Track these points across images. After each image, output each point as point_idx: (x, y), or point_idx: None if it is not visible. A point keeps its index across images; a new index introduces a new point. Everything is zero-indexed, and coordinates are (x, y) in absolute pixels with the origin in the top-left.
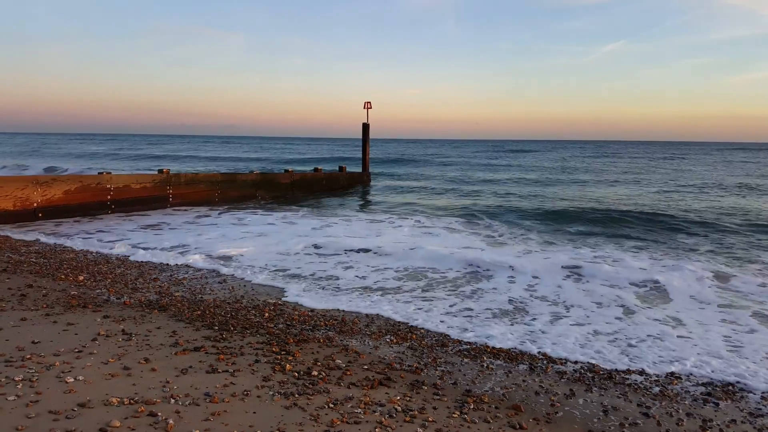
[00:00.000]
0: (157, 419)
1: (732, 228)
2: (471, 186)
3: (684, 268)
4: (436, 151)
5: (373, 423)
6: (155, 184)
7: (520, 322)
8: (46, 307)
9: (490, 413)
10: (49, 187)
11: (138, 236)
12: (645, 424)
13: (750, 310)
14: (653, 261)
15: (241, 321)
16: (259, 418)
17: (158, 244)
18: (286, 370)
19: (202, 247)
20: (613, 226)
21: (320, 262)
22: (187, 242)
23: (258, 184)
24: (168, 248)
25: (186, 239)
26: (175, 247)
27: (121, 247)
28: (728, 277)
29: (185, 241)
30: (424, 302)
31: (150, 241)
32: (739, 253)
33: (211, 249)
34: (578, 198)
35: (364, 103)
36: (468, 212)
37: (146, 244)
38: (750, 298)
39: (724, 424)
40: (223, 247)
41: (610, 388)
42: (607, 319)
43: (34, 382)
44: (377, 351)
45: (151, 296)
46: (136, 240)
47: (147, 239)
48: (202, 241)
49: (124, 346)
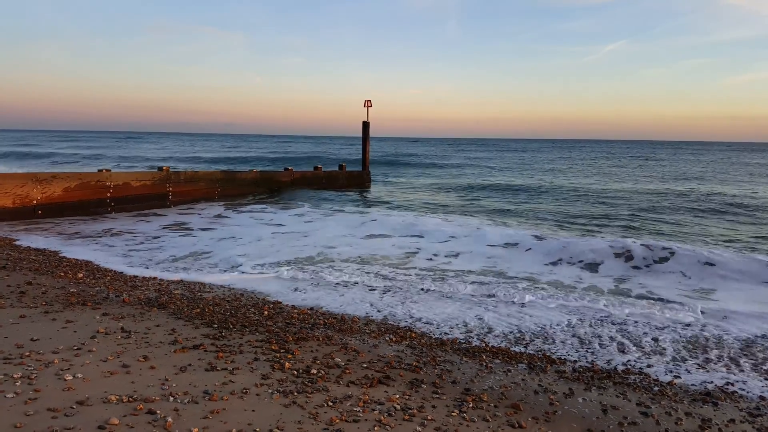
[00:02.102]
0: (155, 417)
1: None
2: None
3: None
4: (436, 150)
5: (372, 421)
6: (155, 181)
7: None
8: (45, 305)
9: (489, 412)
10: (48, 185)
11: (188, 244)
12: (644, 423)
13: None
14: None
15: (241, 319)
16: (258, 416)
17: (228, 257)
18: (285, 368)
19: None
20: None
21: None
22: (270, 253)
23: (258, 183)
24: (263, 265)
25: (252, 248)
26: (270, 265)
27: (210, 276)
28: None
29: (265, 250)
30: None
31: (217, 251)
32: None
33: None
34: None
35: (365, 101)
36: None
37: (218, 257)
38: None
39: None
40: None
41: (609, 387)
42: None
43: (32, 379)
44: (376, 349)
45: (151, 294)
46: (199, 249)
47: (213, 249)
48: (298, 249)
49: (123, 343)
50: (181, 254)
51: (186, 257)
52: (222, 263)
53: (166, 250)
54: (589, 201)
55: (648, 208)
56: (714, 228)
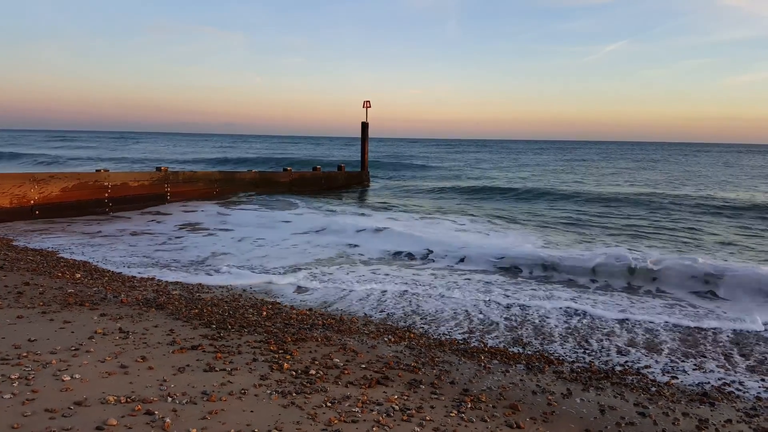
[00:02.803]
0: (154, 418)
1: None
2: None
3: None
4: (435, 151)
5: (371, 422)
6: (153, 182)
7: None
8: (42, 305)
9: (488, 412)
10: (46, 185)
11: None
12: (642, 423)
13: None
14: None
15: (239, 320)
16: (256, 416)
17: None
18: (283, 368)
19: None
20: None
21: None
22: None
23: (257, 183)
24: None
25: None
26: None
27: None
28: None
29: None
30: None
31: (253, 261)
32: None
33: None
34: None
35: (363, 102)
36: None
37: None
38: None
39: None
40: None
41: (607, 388)
42: None
43: (30, 380)
44: (375, 350)
45: (149, 294)
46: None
47: (230, 251)
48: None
49: (120, 344)
50: (203, 254)
51: (207, 258)
52: (249, 263)
53: (188, 250)
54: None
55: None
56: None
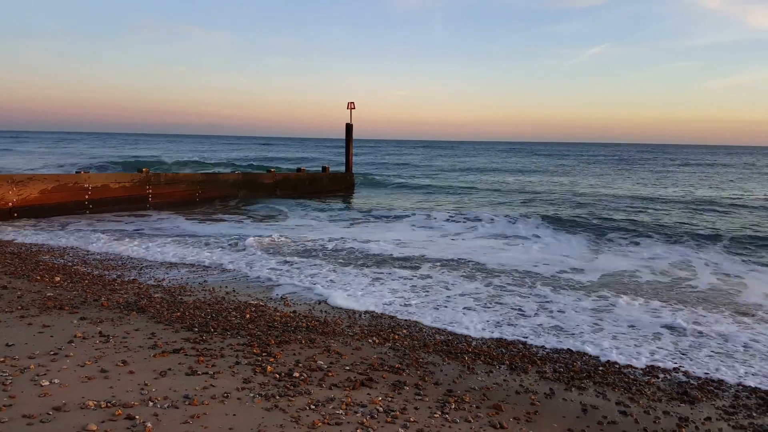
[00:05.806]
0: (134, 422)
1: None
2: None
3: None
4: (421, 153)
5: (355, 424)
6: (134, 183)
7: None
8: (20, 309)
9: (471, 413)
10: (24, 187)
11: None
12: (623, 422)
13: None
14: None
15: (222, 323)
16: (239, 420)
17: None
18: (267, 371)
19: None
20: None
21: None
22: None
23: (240, 184)
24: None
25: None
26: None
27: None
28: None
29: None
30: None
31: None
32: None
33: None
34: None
35: (348, 103)
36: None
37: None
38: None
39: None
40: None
41: (589, 387)
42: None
43: (7, 385)
44: (359, 352)
45: (130, 298)
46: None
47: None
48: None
49: (101, 348)
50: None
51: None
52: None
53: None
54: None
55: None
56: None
